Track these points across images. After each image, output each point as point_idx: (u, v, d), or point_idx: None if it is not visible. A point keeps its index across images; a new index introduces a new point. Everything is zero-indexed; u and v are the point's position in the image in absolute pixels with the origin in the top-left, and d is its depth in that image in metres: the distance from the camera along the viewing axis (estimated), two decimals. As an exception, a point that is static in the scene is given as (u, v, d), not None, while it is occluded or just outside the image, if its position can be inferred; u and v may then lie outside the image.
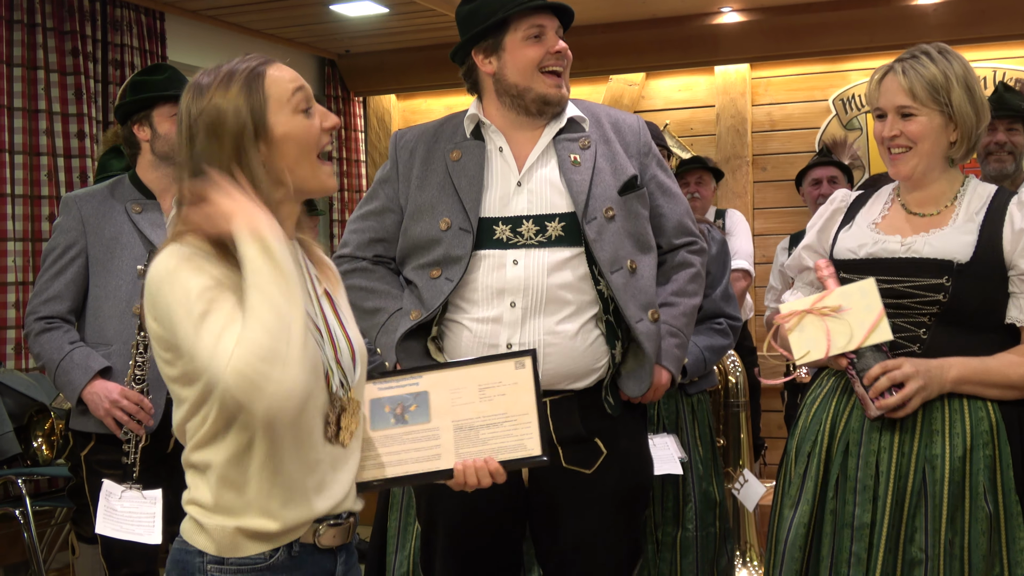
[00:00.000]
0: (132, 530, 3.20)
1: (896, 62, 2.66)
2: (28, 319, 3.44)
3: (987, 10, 6.76)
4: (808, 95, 7.44)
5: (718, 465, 3.92)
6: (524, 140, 2.89)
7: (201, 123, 1.96)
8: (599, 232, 2.78)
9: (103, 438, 3.38)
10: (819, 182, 5.48)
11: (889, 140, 2.64)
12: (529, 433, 2.19)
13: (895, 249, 2.62)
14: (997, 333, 2.59)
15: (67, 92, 6.03)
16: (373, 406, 2.23)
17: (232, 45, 7.34)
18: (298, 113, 1.99)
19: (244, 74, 1.97)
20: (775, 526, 2.72)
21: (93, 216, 3.43)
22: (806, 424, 2.69)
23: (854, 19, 7.03)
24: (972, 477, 2.48)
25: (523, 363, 2.25)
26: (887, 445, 2.53)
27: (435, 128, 2.99)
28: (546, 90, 2.84)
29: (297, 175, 2.00)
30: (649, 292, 2.85)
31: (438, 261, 2.83)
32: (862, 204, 2.80)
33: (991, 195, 2.65)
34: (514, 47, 2.85)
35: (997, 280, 2.56)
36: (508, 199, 2.83)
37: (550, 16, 2.87)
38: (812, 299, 2.59)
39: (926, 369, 2.48)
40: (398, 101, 8.53)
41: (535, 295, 2.77)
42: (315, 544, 2.03)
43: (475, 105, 2.95)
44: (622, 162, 2.89)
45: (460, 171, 2.86)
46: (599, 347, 2.81)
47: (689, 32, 7.43)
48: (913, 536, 2.48)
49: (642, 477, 2.98)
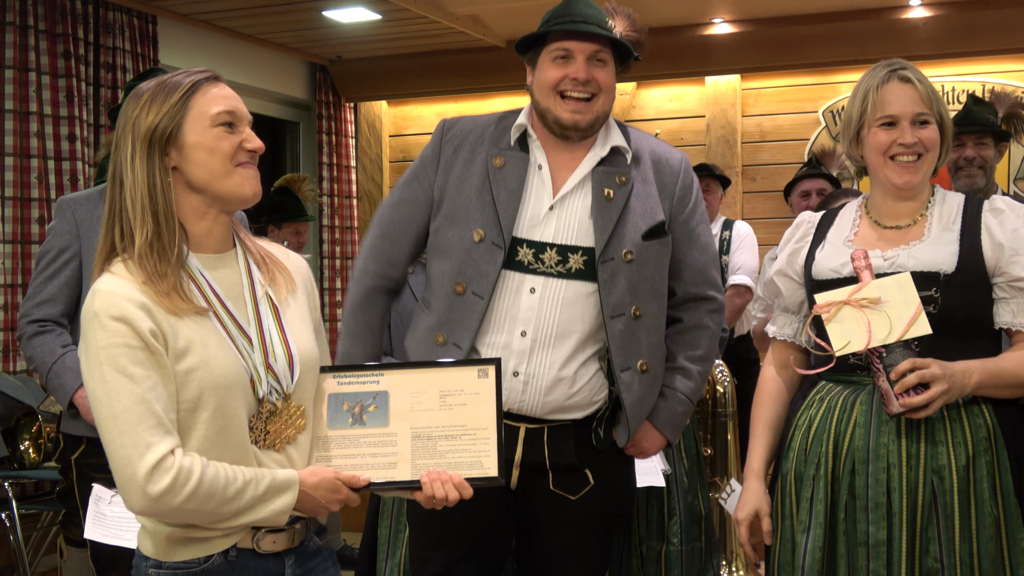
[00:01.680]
0: (121, 535, 3.19)
1: (897, 70, 2.65)
2: (21, 322, 3.44)
3: (977, 24, 6.80)
4: (798, 106, 7.47)
5: (703, 478, 3.92)
6: (563, 162, 2.84)
7: (124, 125, 2.08)
8: (612, 274, 2.74)
9: (94, 442, 3.36)
10: (808, 194, 5.48)
11: (906, 147, 2.63)
12: (487, 451, 2.15)
13: (879, 265, 2.62)
14: (986, 339, 2.62)
15: (58, 95, 6.03)
16: (331, 401, 2.20)
17: (224, 49, 7.34)
18: (216, 127, 2.07)
19: (182, 87, 2.07)
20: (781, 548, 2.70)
21: (87, 219, 3.43)
22: (805, 446, 2.68)
23: (844, 31, 7.06)
24: (976, 484, 2.50)
25: (486, 372, 2.20)
26: (896, 461, 2.52)
27: (483, 127, 2.91)
28: (560, 114, 2.78)
29: (210, 182, 2.06)
30: (646, 342, 2.80)
31: (463, 272, 2.77)
32: (830, 223, 2.81)
33: (962, 204, 2.67)
34: (542, 65, 2.82)
35: (981, 288, 2.59)
36: (538, 222, 2.78)
37: (584, 42, 2.78)
38: (849, 290, 2.56)
39: (951, 372, 2.48)
40: (389, 107, 8.53)
41: (547, 327, 2.74)
42: (255, 549, 2.08)
43: (526, 112, 2.90)
44: (654, 205, 2.83)
45: (501, 181, 2.80)
46: (598, 381, 2.80)
47: (680, 42, 7.46)
48: (928, 547, 2.49)
49: (623, 501, 2.99)
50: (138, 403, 1.91)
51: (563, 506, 2.84)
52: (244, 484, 1.98)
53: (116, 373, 1.92)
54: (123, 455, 1.92)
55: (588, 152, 2.84)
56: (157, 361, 1.95)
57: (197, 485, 1.93)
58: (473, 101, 8.06)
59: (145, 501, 1.92)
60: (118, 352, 1.93)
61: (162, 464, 1.91)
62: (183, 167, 2.06)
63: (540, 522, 2.87)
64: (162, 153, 2.04)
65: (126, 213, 2.04)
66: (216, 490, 1.95)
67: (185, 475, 1.92)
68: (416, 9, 6.76)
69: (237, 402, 2.03)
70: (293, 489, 2.04)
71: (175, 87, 2.07)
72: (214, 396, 1.99)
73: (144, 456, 1.90)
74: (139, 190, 2.03)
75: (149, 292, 1.98)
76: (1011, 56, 6.96)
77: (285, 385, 2.10)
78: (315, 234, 8.23)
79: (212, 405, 2.00)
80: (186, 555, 2.04)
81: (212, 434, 2.01)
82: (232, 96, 2.11)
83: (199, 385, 1.98)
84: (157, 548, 2.05)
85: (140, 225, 2.02)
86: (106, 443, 1.95)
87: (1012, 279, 2.57)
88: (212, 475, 1.95)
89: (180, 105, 2.05)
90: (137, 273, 2.00)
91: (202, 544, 2.04)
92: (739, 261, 5.76)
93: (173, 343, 1.97)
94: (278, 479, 2.03)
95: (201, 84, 2.08)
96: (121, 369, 1.92)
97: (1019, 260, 2.56)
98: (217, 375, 2.00)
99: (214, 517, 1.99)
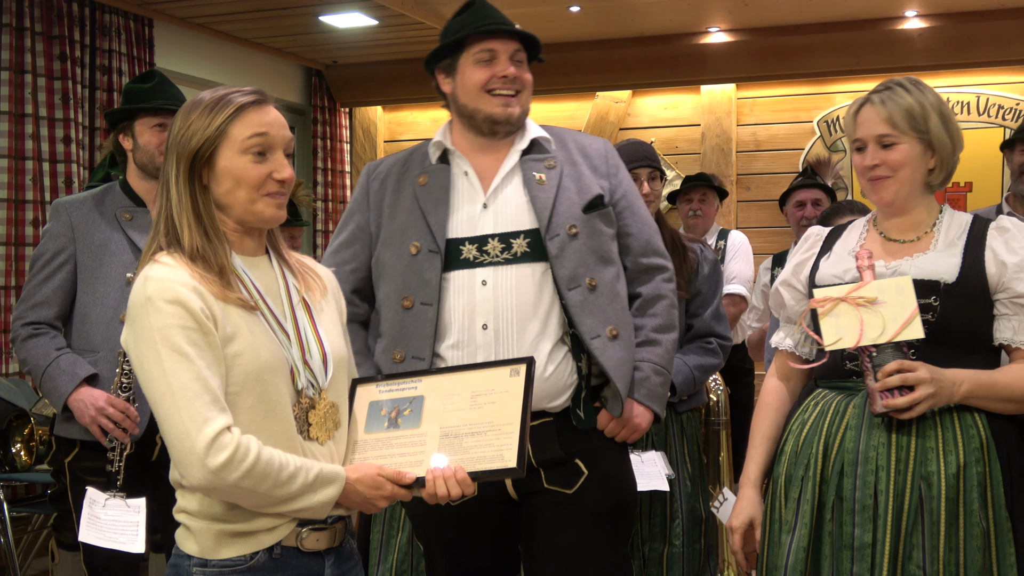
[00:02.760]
0: (115, 538, 3.19)
1: (872, 94, 2.73)
2: (15, 324, 3.43)
3: (972, 36, 6.82)
4: (793, 116, 7.49)
5: (704, 482, 3.94)
6: (489, 163, 2.92)
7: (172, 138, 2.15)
8: (561, 248, 2.81)
9: (88, 445, 3.36)
10: (803, 204, 5.48)
11: (870, 170, 2.68)
12: (508, 444, 2.16)
13: (881, 272, 2.65)
14: (982, 354, 2.64)
15: (54, 97, 6.02)
16: (371, 408, 2.26)
17: (220, 53, 7.34)
18: (247, 154, 2.11)
19: (227, 111, 2.12)
20: (769, 551, 2.72)
21: (83, 222, 3.43)
22: (796, 449, 2.70)
23: (840, 42, 7.09)
24: (966, 494, 2.51)
25: (518, 371, 2.24)
26: (884, 464, 2.54)
27: (405, 157, 3.02)
28: (492, 109, 2.86)
29: (232, 205, 2.13)
30: (608, 310, 2.86)
31: (408, 287, 2.85)
32: (838, 236, 2.86)
33: (969, 222, 2.72)
34: (464, 68, 2.89)
35: (981, 302, 2.61)
36: (475, 220, 2.85)
37: (505, 41, 2.88)
38: (848, 287, 2.60)
39: (940, 378, 2.51)
40: (384, 113, 8.54)
41: (506, 315, 2.79)
42: (298, 547, 2.11)
43: (441, 131, 2.99)
44: (588, 182, 2.92)
45: (426, 195, 2.89)
46: (568, 363, 2.84)
47: (676, 51, 7.48)
48: (911, 554, 2.51)
49: (624, 494, 2.98)
50: (195, 380, 1.97)
51: (562, 502, 2.85)
52: (296, 470, 2.03)
53: (172, 352, 1.98)
54: (181, 429, 1.96)
55: (510, 148, 2.93)
56: (209, 342, 2.01)
57: (254, 463, 1.97)
58: (468, 107, 8.05)
59: (204, 474, 1.96)
60: (174, 332, 1.99)
61: (220, 439, 1.96)
62: (212, 187, 2.13)
63: (543, 524, 2.87)
64: (200, 173, 2.12)
65: (172, 221, 2.12)
66: (271, 471, 1.99)
67: (244, 451, 1.97)
68: (412, 15, 6.77)
69: (281, 389, 2.09)
70: (339, 481, 2.09)
71: (222, 108, 2.12)
72: (259, 382, 2.05)
73: (203, 430, 1.95)
74: (184, 207, 2.11)
75: (198, 278, 2.05)
76: (1006, 68, 6.99)
77: (320, 380, 2.17)
78: (309, 239, 8.23)
79: (257, 391, 2.05)
80: (232, 552, 2.07)
81: (257, 418, 2.05)
82: (270, 123, 2.14)
83: (245, 370, 2.04)
84: (203, 546, 2.08)
85: (188, 235, 2.10)
86: (162, 420, 1.99)
87: (1014, 295, 2.59)
88: (268, 456, 2.00)
89: (220, 129, 2.11)
90: (187, 263, 2.07)
91: (249, 540, 2.07)
92: (734, 271, 5.76)
93: (223, 327, 2.04)
94: (326, 470, 2.08)
95: (245, 108, 2.12)
96: (177, 348, 1.98)
97: (1022, 277, 2.58)
98: (263, 360, 2.06)
99: (266, 500, 2.02)
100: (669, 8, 6.73)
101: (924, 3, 6.74)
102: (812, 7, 6.79)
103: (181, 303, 2.00)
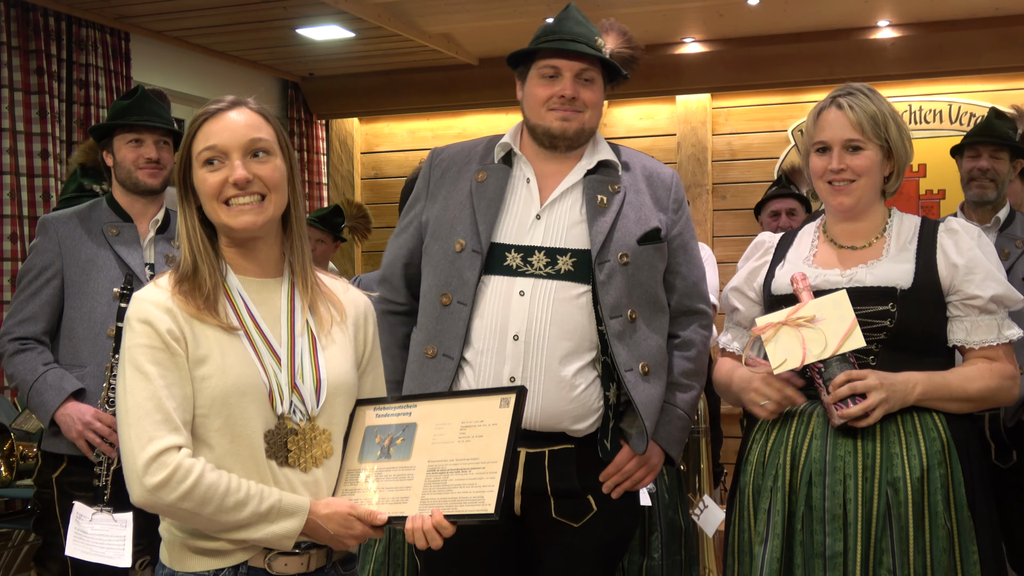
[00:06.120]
0: (102, 553, 3.19)
1: (837, 97, 2.75)
2: (2, 340, 3.44)
3: (943, 45, 6.89)
4: (768, 125, 7.53)
5: (683, 493, 3.95)
6: (552, 173, 2.88)
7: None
8: (609, 276, 2.76)
9: (75, 460, 3.37)
10: (778, 214, 5.51)
11: (834, 173, 2.71)
12: (490, 486, 2.10)
13: (837, 280, 2.70)
14: (939, 356, 2.71)
15: (31, 111, 6.00)
16: (367, 435, 2.23)
17: (196, 66, 7.33)
18: (204, 167, 2.13)
19: (195, 124, 2.16)
20: (740, 563, 2.74)
21: (69, 238, 3.44)
22: (762, 459, 2.73)
23: (814, 52, 7.14)
24: (930, 496, 2.56)
25: (508, 400, 2.17)
26: (852, 472, 2.58)
27: (471, 148, 2.99)
28: (549, 123, 2.83)
29: (215, 221, 2.15)
30: (644, 345, 2.80)
31: (448, 283, 2.81)
32: (789, 243, 2.89)
33: (918, 225, 2.77)
34: (530, 81, 2.88)
35: (936, 305, 2.68)
36: (525, 229, 2.82)
37: (571, 60, 2.84)
38: (788, 311, 2.65)
39: (891, 383, 2.56)
40: (361, 124, 8.54)
41: (539, 328, 2.74)
42: (266, 569, 2.10)
43: (511, 132, 2.97)
44: (648, 213, 2.87)
45: (481, 192, 2.86)
46: (595, 389, 2.78)
47: (651, 61, 7.44)
48: (882, 559, 2.54)
49: (627, 527, 2.97)
50: (149, 399, 1.99)
51: (565, 534, 2.82)
52: (246, 497, 2.01)
53: (134, 370, 2.02)
54: (128, 447, 2.00)
55: (576, 164, 2.89)
56: (175, 362, 2.03)
57: (193, 486, 1.97)
58: (445, 119, 8.08)
59: (141, 491, 1.98)
60: (138, 351, 2.02)
61: (162, 458, 1.97)
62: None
63: (542, 550, 2.86)
64: (192, 194, 2.16)
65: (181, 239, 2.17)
66: (213, 496, 1.98)
67: (183, 473, 1.97)
68: (389, 27, 6.78)
69: (249, 413, 2.07)
70: (300, 515, 2.05)
71: (191, 125, 2.16)
72: (225, 405, 2.05)
73: (145, 448, 1.97)
74: (183, 228, 2.16)
75: (178, 299, 2.07)
76: (977, 77, 7.06)
77: (310, 407, 2.14)
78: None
79: (224, 414, 2.05)
80: (198, 566, 2.07)
81: (226, 443, 2.05)
82: (219, 130, 2.13)
83: (212, 393, 2.04)
84: (172, 558, 2.11)
85: (182, 256, 2.13)
86: (119, 436, 2.04)
87: (966, 297, 2.65)
88: (213, 480, 1.99)
89: (187, 147, 2.15)
90: (174, 284, 2.10)
91: (212, 558, 2.07)
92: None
93: (193, 349, 2.05)
94: (285, 502, 2.05)
95: (205, 121, 2.14)
96: (139, 367, 2.01)
97: (973, 279, 2.65)
98: (230, 383, 2.05)
99: (212, 524, 2.02)
100: (644, 19, 6.76)
101: (896, 13, 6.80)
102: (786, 18, 6.85)
103: (150, 323, 2.03)
